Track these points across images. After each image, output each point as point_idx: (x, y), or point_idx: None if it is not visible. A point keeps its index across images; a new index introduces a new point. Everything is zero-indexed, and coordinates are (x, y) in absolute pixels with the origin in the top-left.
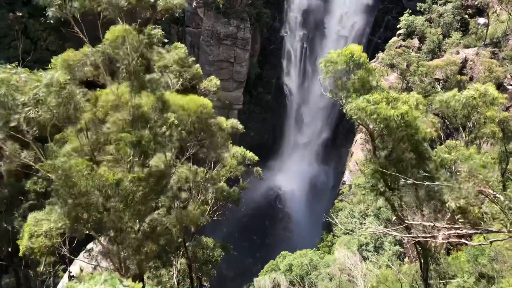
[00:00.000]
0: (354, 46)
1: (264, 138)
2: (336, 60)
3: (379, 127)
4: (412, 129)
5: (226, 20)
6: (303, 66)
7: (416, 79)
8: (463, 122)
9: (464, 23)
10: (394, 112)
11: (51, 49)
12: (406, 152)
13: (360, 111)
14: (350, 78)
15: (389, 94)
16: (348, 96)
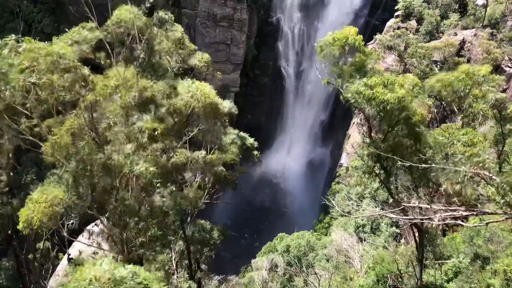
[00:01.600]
0: (349, 28)
1: (261, 121)
2: (332, 43)
3: (375, 111)
4: (408, 111)
5: (222, 1)
6: (301, 48)
7: (414, 61)
8: (457, 104)
9: (462, 4)
10: (391, 96)
11: (46, 31)
12: (402, 135)
13: (357, 95)
14: (346, 62)
15: (385, 78)
16: (345, 80)
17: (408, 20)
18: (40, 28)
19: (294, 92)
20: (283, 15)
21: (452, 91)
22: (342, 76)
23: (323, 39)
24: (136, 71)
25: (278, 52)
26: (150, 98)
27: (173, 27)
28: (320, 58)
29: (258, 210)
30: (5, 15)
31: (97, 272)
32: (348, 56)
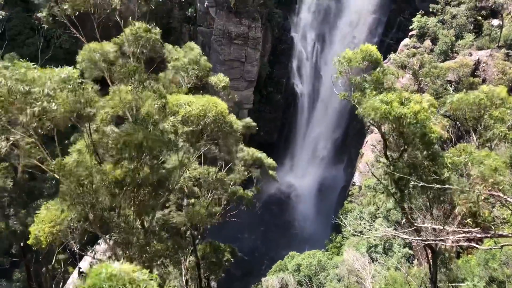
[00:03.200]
0: (368, 46)
1: (274, 138)
2: (352, 58)
3: (391, 126)
4: (424, 128)
5: (237, 19)
6: (314, 66)
7: (429, 80)
8: (473, 124)
9: (478, 24)
10: (408, 110)
11: (64, 47)
12: (418, 153)
13: (374, 111)
14: (364, 78)
15: (402, 94)
16: (363, 96)
17: (422, 40)
18: (59, 43)
19: (307, 110)
20: (297, 34)
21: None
22: (359, 91)
23: (342, 54)
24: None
25: (291, 70)
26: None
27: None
28: (338, 73)
29: (269, 227)
30: (25, 31)
31: (114, 270)
32: (366, 73)
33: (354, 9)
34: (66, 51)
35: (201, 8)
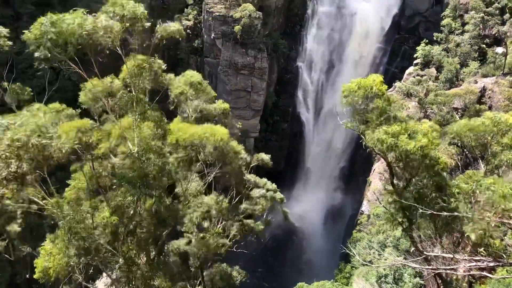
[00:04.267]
0: (374, 76)
1: (281, 166)
2: (356, 90)
3: (397, 159)
4: (430, 159)
5: (243, 50)
6: (320, 95)
7: (435, 108)
8: (481, 151)
9: (482, 52)
10: (413, 146)
11: (73, 79)
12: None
13: (379, 143)
14: (369, 109)
15: (408, 125)
16: (368, 127)
17: (427, 68)
18: (68, 75)
19: (314, 138)
20: (302, 64)
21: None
22: (364, 122)
23: (347, 85)
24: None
25: (297, 99)
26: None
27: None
28: (343, 103)
29: (277, 257)
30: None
31: None
32: (371, 103)
33: (358, 38)
34: (74, 83)
35: (207, 39)
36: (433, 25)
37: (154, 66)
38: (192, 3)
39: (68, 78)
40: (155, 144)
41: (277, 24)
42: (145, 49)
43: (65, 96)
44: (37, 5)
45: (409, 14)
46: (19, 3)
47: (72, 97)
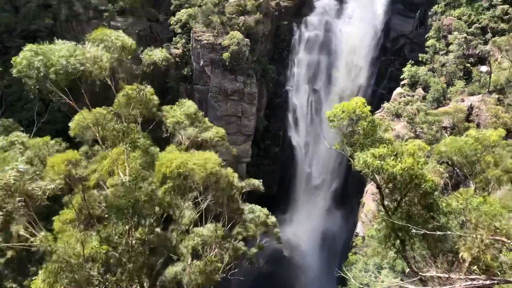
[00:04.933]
0: (357, 99)
1: (274, 190)
2: (340, 114)
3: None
4: (418, 179)
5: (233, 76)
6: (310, 118)
7: (424, 127)
8: (468, 169)
9: (467, 71)
10: (399, 167)
11: (62, 110)
12: (415, 202)
13: (366, 165)
14: (354, 131)
15: (394, 147)
16: (355, 150)
17: (414, 88)
18: (57, 107)
19: (306, 161)
20: (291, 88)
21: (462, 157)
22: (351, 145)
23: (332, 110)
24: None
25: (288, 122)
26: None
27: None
28: (330, 127)
29: (272, 282)
30: (24, 96)
31: None
32: (356, 126)
33: (345, 61)
34: (64, 114)
35: (196, 67)
36: (418, 46)
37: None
38: (180, 32)
39: (58, 109)
40: (145, 173)
41: (265, 50)
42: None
43: (54, 127)
44: (25, 38)
45: (393, 36)
46: (7, 37)
47: (62, 128)
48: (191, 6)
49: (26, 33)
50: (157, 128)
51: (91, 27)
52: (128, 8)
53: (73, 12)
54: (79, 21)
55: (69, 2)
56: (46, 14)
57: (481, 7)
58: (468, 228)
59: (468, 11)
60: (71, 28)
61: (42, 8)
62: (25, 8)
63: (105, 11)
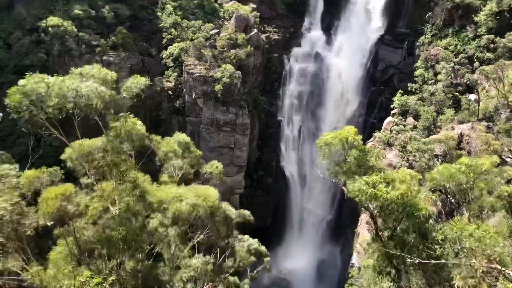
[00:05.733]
0: (349, 128)
1: (267, 222)
2: (331, 142)
3: (378, 209)
4: (411, 207)
5: (225, 108)
6: (302, 148)
7: (417, 155)
8: (462, 197)
9: (456, 100)
10: (392, 194)
11: (54, 144)
12: (409, 231)
13: (360, 193)
14: (346, 160)
15: (386, 174)
16: (347, 178)
17: (405, 117)
18: (49, 141)
19: (299, 192)
20: (283, 118)
21: (455, 184)
22: (344, 173)
23: (323, 138)
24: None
25: (280, 153)
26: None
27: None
28: (321, 156)
29: None
30: (16, 131)
31: None
32: (348, 154)
33: (335, 92)
34: (55, 148)
35: (189, 99)
36: (407, 76)
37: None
38: (172, 66)
39: (50, 144)
40: (136, 206)
41: (257, 82)
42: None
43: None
44: (18, 74)
45: (382, 67)
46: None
47: (54, 162)
48: (183, 40)
49: (19, 68)
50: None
51: (83, 61)
52: (121, 42)
53: (65, 47)
54: (72, 56)
55: (62, 37)
56: (39, 50)
57: (467, 37)
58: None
59: (454, 41)
60: (63, 62)
61: (35, 44)
62: (18, 44)
63: (98, 46)
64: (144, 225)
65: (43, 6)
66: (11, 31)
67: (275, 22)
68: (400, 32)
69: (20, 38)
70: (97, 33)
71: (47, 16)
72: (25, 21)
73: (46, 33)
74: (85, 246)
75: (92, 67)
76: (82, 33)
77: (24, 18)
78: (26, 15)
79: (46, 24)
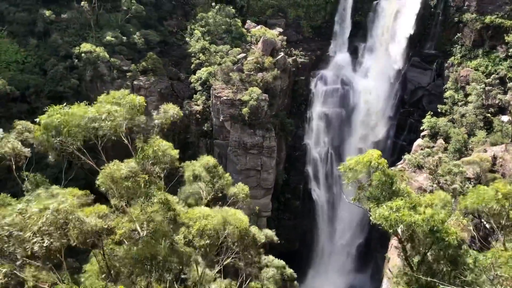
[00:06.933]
0: (372, 151)
1: (295, 246)
2: (355, 167)
3: (406, 234)
4: (440, 233)
5: (252, 131)
6: (330, 171)
7: (448, 178)
8: (496, 221)
9: (488, 121)
10: (418, 217)
11: (85, 167)
12: (439, 256)
13: (384, 219)
14: (371, 184)
15: (412, 199)
16: (373, 203)
17: (435, 139)
18: (80, 164)
19: (327, 215)
20: (310, 141)
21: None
22: (368, 199)
23: (345, 163)
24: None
25: (307, 175)
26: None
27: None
28: (346, 180)
29: None
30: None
31: None
32: (372, 179)
33: (363, 114)
34: (87, 171)
35: (216, 122)
36: (436, 97)
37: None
38: (200, 90)
39: (81, 166)
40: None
41: (283, 105)
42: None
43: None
44: (52, 99)
45: (411, 88)
46: (35, 98)
47: (84, 185)
48: (211, 64)
49: (53, 94)
50: (178, 184)
51: (115, 86)
52: (151, 67)
53: (97, 73)
54: (103, 81)
55: (94, 63)
56: (72, 75)
57: (498, 58)
58: (498, 284)
59: (485, 62)
60: (96, 87)
61: (68, 70)
62: (52, 70)
63: (129, 71)
64: (173, 245)
65: (77, 33)
66: (46, 57)
67: (301, 45)
68: (428, 53)
69: (55, 64)
70: (128, 59)
71: (80, 43)
72: (60, 48)
73: (79, 59)
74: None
75: (121, 93)
76: (113, 58)
77: (59, 45)
78: (61, 42)
79: (80, 51)
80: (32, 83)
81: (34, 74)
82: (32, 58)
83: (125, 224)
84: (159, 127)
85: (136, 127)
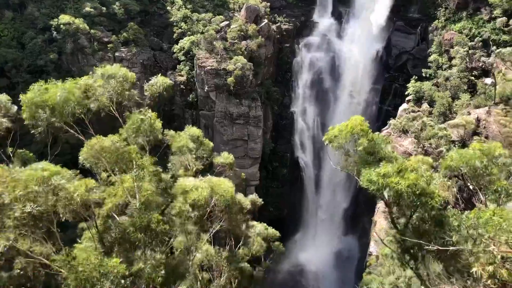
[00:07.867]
0: (355, 117)
1: (283, 213)
2: (338, 135)
3: (392, 198)
4: (425, 196)
5: (237, 101)
6: (316, 139)
7: (433, 142)
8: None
9: (471, 84)
10: (403, 184)
11: (71, 142)
12: (424, 218)
13: (371, 183)
14: (357, 150)
15: (398, 164)
16: (359, 167)
17: (420, 103)
18: (65, 139)
19: (314, 182)
20: (296, 109)
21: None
22: (356, 164)
23: (329, 133)
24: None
25: (294, 143)
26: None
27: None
28: (332, 148)
29: None
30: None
31: None
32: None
33: (348, 80)
34: (72, 146)
35: (201, 93)
36: (421, 61)
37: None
38: (184, 60)
39: (66, 141)
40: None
41: (269, 73)
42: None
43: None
44: (32, 73)
45: (395, 53)
46: (14, 73)
47: (70, 159)
48: (194, 33)
49: (33, 68)
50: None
51: (96, 58)
52: (132, 38)
53: (78, 45)
54: (85, 53)
55: (74, 36)
56: (52, 49)
57: (482, 20)
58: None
59: (469, 24)
60: (77, 60)
61: (47, 42)
62: (31, 44)
63: (110, 42)
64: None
65: (54, 5)
66: (24, 30)
67: (285, 11)
68: (412, 17)
69: (33, 37)
70: (108, 30)
71: (58, 14)
72: (37, 20)
73: (58, 32)
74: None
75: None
76: (94, 30)
77: (36, 18)
78: (38, 14)
79: (58, 23)
80: (10, 57)
81: (12, 48)
82: (9, 32)
83: (119, 194)
84: (151, 99)
85: (126, 100)
